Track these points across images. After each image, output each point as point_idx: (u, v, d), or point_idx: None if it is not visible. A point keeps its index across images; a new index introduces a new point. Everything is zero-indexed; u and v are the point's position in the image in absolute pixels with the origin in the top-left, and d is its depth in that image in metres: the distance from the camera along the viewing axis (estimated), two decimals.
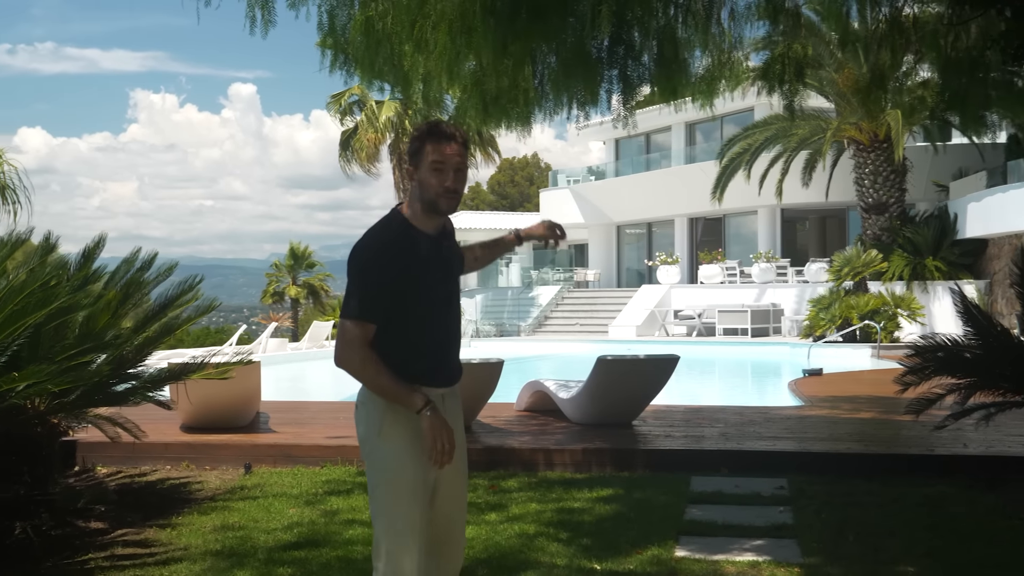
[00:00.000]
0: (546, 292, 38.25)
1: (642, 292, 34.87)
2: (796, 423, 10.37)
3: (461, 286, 4.17)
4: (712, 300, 31.81)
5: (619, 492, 7.83)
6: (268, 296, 52.61)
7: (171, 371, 7.51)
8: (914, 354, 8.13)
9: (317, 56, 7.86)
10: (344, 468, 8.83)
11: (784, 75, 9.65)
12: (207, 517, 7.30)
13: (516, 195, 78.74)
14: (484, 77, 8.02)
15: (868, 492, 7.76)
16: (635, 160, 42.92)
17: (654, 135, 42.98)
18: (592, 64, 8.00)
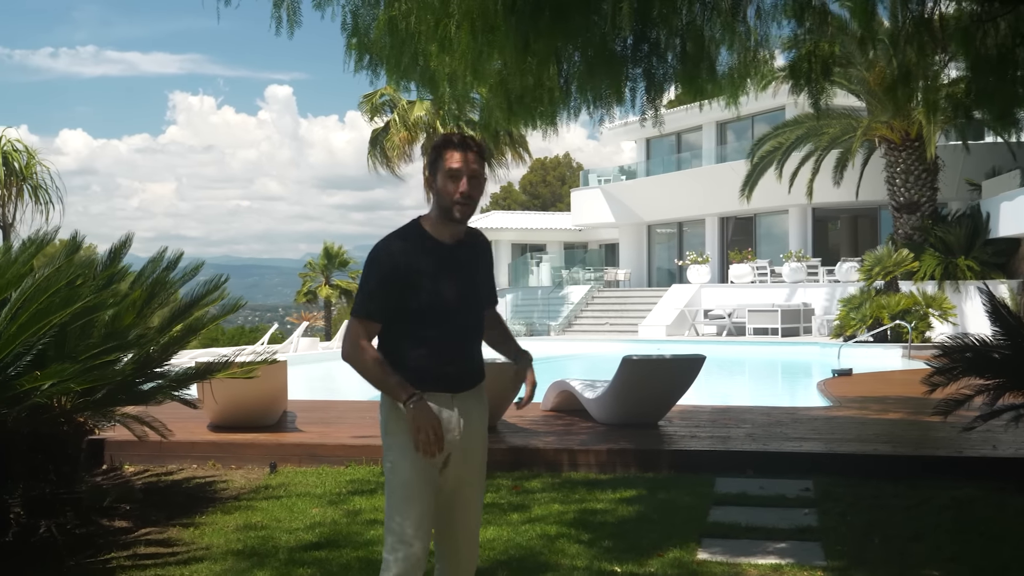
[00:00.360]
0: (576, 291, 38.19)
1: (672, 292, 34.76)
2: (824, 424, 10.30)
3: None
4: (742, 300, 31.67)
5: (642, 493, 7.80)
6: (301, 296, 52.84)
7: (196, 370, 7.54)
8: (942, 354, 8.06)
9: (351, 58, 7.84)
10: (368, 468, 8.84)
11: (811, 74, 9.56)
12: (230, 516, 7.32)
13: (548, 195, 78.66)
14: (508, 76, 8.00)
15: (895, 494, 7.69)
16: (666, 160, 42.78)
17: (685, 134, 42.83)
18: (616, 63, 7.95)
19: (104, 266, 7.13)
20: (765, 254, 36.38)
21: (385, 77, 8.69)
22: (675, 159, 42.33)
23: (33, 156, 12.00)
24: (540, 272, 42.36)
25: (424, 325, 3.90)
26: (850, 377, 16.66)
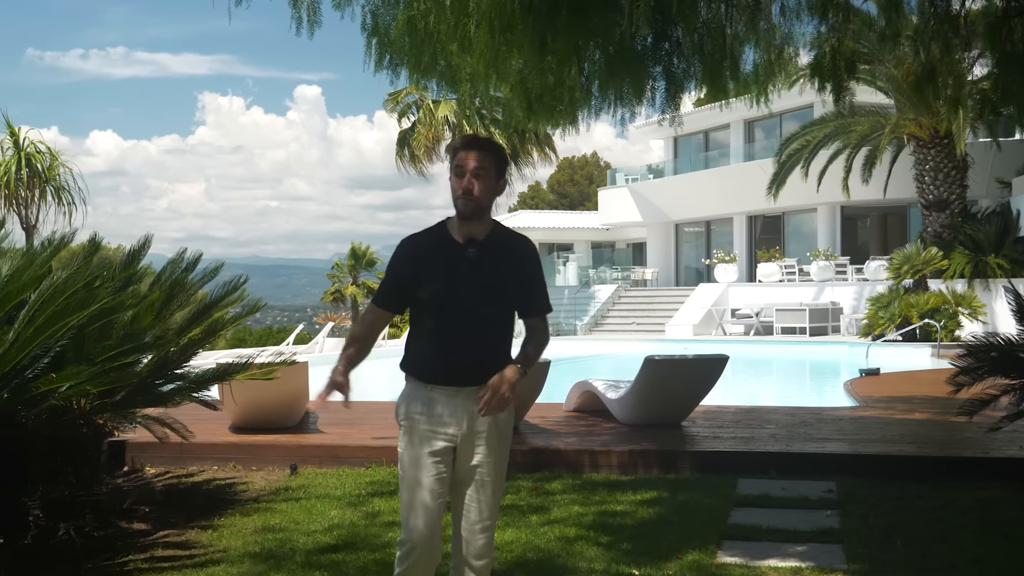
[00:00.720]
0: (603, 291, 38.11)
1: (699, 291, 34.61)
2: (849, 424, 10.20)
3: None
4: (770, 299, 31.49)
5: (663, 495, 7.74)
6: (329, 296, 52.92)
7: (216, 371, 7.53)
8: (966, 354, 7.96)
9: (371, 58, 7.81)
10: (389, 469, 8.81)
11: (835, 71, 9.47)
12: (249, 519, 7.31)
13: (576, 194, 78.56)
14: (528, 75, 7.96)
15: (919, 496, 7.60)
16: (693, 158, 42.63)
17: (713, 133, 42.70)
18: (636, 61, 7.88)
19: (123, 267, 7.13)
20: (793, 253, 36.20)
21: (406, 77, 8.67)
22: (703, 157, 42.17)
23: (56, 157, 12.04)
24: (567, 271, 42.30)
25: (430, 318, 4.15)
26: (877, 377, 16.51)
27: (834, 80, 9.65)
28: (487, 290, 4.13)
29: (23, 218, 12.98)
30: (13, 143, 12.46)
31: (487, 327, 4.17)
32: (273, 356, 7.97)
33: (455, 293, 4.10)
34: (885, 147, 27.72)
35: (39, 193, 11.82)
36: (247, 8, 7.04)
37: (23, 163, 11.98)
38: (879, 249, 35.37)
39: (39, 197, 11.95)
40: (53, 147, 12.08)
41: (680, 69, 8.45)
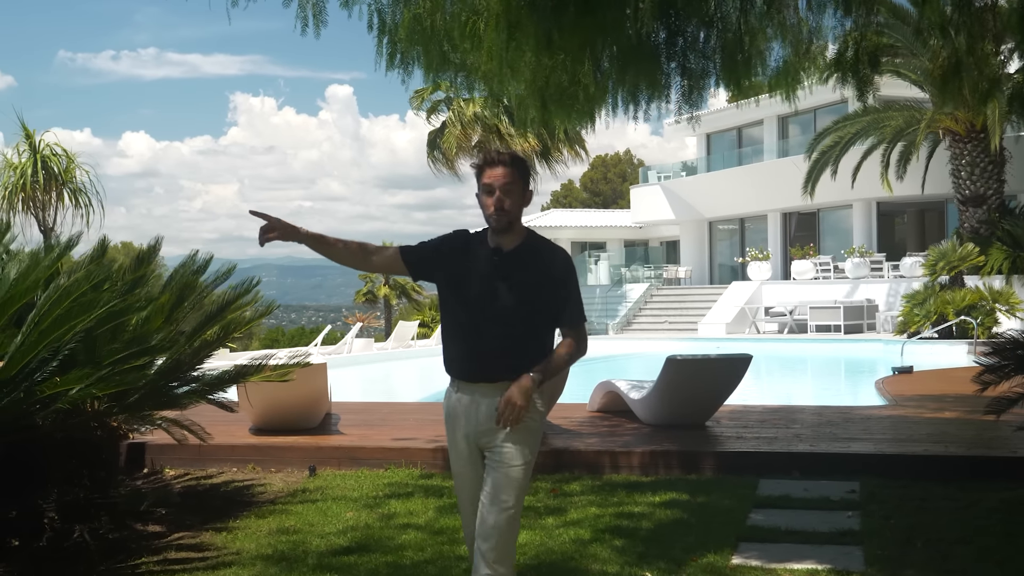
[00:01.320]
0: (635, 290, 37.94)
1: (732, 289, 34.38)
2: (876, 423, 10.05)
3: None
4: (804, 296, 31.22)
5: (682, 496, 7.64)
6: (360, 296, 53.04)
7: (229, 373, 7.50)
8: (991, 352, 7.80)
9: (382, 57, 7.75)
10: (407, 471, 8.76)
11: (857, 65, 9.34)
12: (264, 520, 7.27)
13: (609, 192, 78.35)
14: (538, 73, 7.88)
15: (944, 496, 7.46)
16: (727, 155, 42.33)
17: (746, 129, 42.38)
18: (649, 58, 7.80)
19: (132, 269, 7.11)
20: (829, 250, 35.88)
21: (420, 75, 8.61)
22: (736, 154, 41.88)
23: (72, 160, 12.05)
24: (598, 270, 42.15)
25: (454, 316, 4.40)
26: (910, 375, 16.30)
27: (856, 75, 9.53)
28: (510, 296, 4.28)
29: (40, 221, 13.00)
30: (29, 146, 12.48)
31: (507, 331, 4.28)
32: (290, 358, 7.91)
33: (478, 296, 4.30)
34: (921, 142, 27.38)
35: (56, 196, 11.83)
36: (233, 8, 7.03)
37: (39, 166, 11.99)
38: (916, 246, 35.01)
39: (56, 200, 11.95)
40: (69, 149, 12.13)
41: (697, 66, 8.36)
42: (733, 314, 31.71)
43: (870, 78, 9.76)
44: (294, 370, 7.97)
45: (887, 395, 12.93)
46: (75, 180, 11.85)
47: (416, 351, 25.27)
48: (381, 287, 50.86)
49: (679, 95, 8.57)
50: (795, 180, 31.36)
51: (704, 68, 8.45)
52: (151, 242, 7.44)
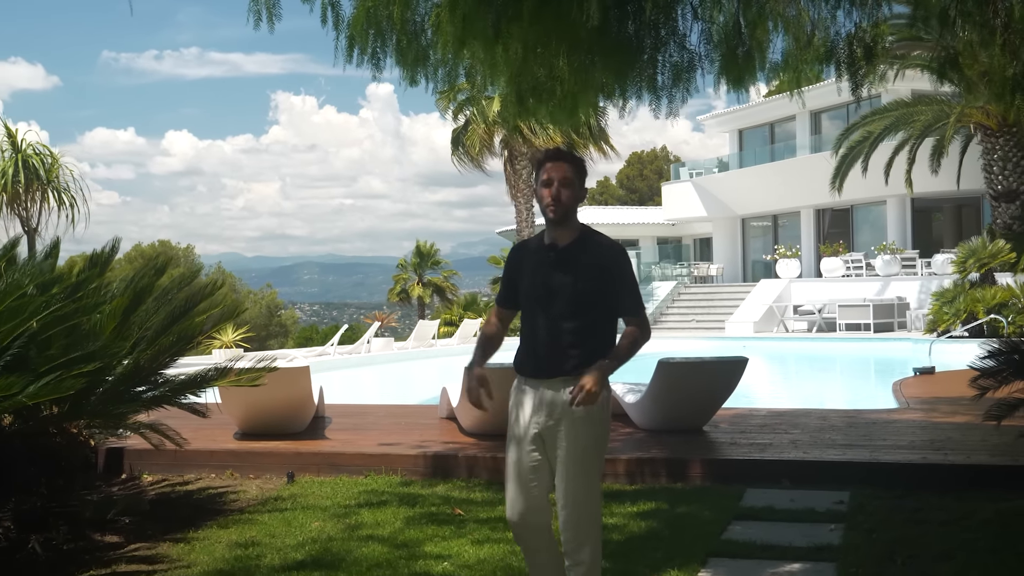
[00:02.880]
0: (662, 288, 37.51)
1: (760, 287, 33.89)
2: (880, 429, 9.69)
3: None
4: (834, 294, 30.69)
5: (662, 506, 7.33)
6: (394, 295, 52.87)
7: (194, 378, 7.28)
8: (987, 356, 7.46)
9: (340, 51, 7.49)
10: (387, 478, 8.51)
11: (851, 58, 8.98)
12: (227, 531, 7.04)
13: (645, 189, 77.84)
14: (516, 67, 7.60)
15: (938, 508, 7.11)
16: (759, 151, 41.83)
17: (779, 124, 41.88)
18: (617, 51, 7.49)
19: (87, 271, 6.90)
20: (863, 247, 35.31)
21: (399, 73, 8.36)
22: (768, 150, 41.37)
23: (56, 159, 11.85)
24: None
25: (523, 316, 4.70)
26: (931, 376, 15.87)
27: (849, 67, 9.17)
28: (565, 291, 4.49)
29: (24, 221, 12.80)
30: (11, 145, 12.27)
31: (565, 325, 4.49)
32: (257, 361, 7.63)
33: (537, 292, 4.57)
34: (952, 136, 26.81)
35: (41, 196, 11.62)
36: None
37: (21, 166, 11.79)
38: (953, 242, 34.28)
39: (41, 200, 11.74)
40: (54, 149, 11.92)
41: (682, 58, 8.05)
42: (761, 312, 31.24)
43: (869, 71, 9.39)
44: (264, 374, 7.73)
45: (901, 398, 12.53)
46: (58, 180, 11.63)
47: (436, 351, 25.02)
48: (415, 286, 50.75)
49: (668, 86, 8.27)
50: (828, 176, 30.83)
51: (688, 61, 8.15)
52: (108, 244, 7.22)
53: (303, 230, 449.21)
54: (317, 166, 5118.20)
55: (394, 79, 8.47)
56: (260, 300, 65.22)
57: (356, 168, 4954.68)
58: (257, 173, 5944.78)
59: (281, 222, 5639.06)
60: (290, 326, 64.75)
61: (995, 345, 7.40)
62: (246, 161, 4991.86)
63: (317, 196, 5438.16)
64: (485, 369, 4.64)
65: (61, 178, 11.60)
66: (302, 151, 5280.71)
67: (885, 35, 9.69)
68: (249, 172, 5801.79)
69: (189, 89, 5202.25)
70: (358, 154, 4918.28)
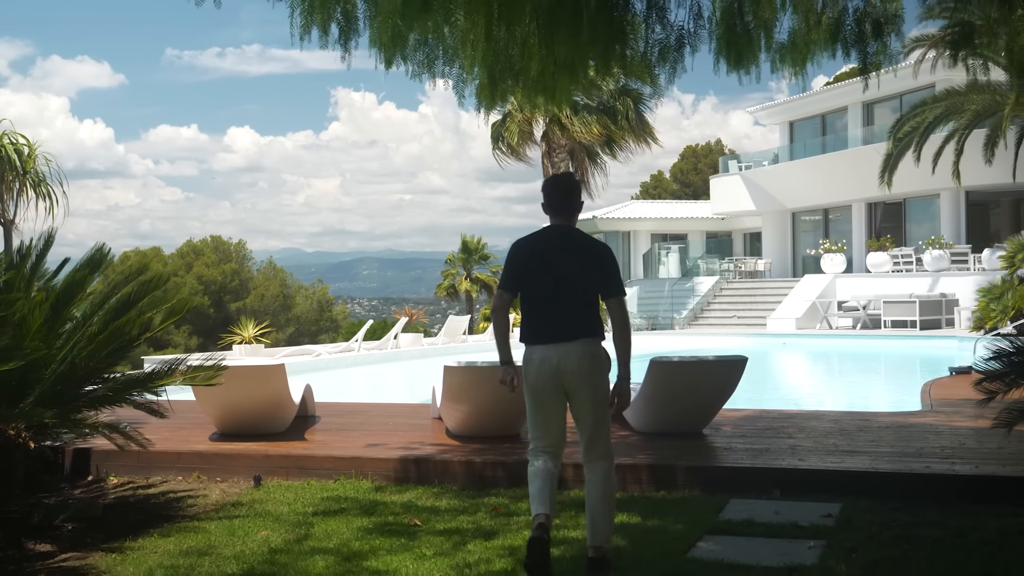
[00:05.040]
0: (705, 283, 36.77)
1: (804, 282, 33.04)
2: (891, 434, 9.08)
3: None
4: (881, 290, 29.83)
5: (633, 519, 6.81)
6: (442, 290, 52.51)
7: (138, 377, 6.88)
8: (992, 357, 6.85)
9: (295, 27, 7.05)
10: (356, 483, 8.06)
11: (860, 36, 8.41)
12: (167, 540, 6.62)
13: (699, 183, 76.83)
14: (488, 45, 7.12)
15: (935, 523, 6.52)
16: (809, 143, 40.87)
17: (830, 116, 40.93)
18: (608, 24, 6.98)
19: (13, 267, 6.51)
20: (916, 241, 34.30)
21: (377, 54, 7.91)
22: (819, 142, 40.40)
23: (33, 149, 11.50)
24: (669, 262, 40.99)
25: (528, 297, 5.80)
26: (968, 376, 15.10)
27: (859, 47, 8.59)
28: (561, 274, 5.70)
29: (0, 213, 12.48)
30: None
31: (566, 297, 5.70)
32: (205, 360, 7.21)
33: (547, 276, 5.71)
34: (1008, 127, 25.79)
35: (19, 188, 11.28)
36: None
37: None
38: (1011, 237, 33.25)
39: (18, 192, 11.40)
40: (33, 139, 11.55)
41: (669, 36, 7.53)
42: (804, 309, 30.44)
43: (880, 48, 8.79)
44: (220, 374, 7.32)
45: (927, 399, 11.87)
46: (35, 171, 11.28)
47: (467, 346, 24.58)
48: (462, 280, 50.35)
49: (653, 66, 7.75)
50: (879, 169, 29.90)
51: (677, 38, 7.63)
52: (41, 237, 6.81)
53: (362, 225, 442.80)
54: (377, 162, 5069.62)
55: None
56: (311, 295, 65.19)
57: (415, 164, 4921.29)
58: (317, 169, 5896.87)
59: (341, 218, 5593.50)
60: (341, 321, 64.69)
61: (1000, 345, 6.79)
62: (307, 157, 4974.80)
63: (377, 192, 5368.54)
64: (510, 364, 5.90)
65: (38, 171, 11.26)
66: (362, 147, 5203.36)
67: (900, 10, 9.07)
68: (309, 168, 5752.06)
69: (251, 86, 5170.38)
70: (417, 150, 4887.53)
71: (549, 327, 5.64)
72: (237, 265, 62.26)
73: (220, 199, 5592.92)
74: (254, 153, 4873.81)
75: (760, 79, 9.21)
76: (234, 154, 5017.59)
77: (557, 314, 5.65)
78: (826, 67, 25.23)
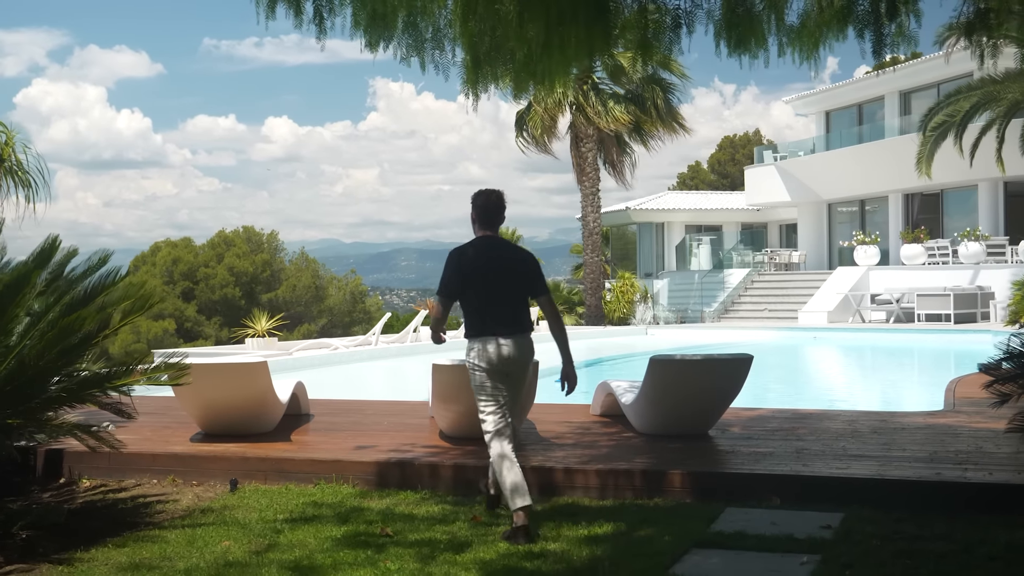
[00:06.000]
0: (736, 275, 36.13)
1: (836, 275, 32.35)
2: (904, 436, 8.59)
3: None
4: (915, 283, 29.11)
5: (619, 528, 6.37)
6: None
7: (92, 378, 6.51)
8: (1006, 356, 6.35)
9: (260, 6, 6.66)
10: (336, 487, 7.66)
11: (874, 15, 7.93)
12: (121, 550, 6.25)
13: (737, 174, 75.91)
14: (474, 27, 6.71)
15: (941, 535, 6.04)
16: (845, 133, 40.08)
17: (866, 105, 40.14)
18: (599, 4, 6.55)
19: None
20: (953, 233, 33.51)
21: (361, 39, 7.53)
22: (855, 132, 39.63)
23: (11, 136, 11.18)
24: (700, 254, 40.35)
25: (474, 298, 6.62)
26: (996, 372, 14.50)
27: (874, 27, 8.11)
28: (500, 279, 6.58)
29: None
30: None
31: (506, 297, 6.58)
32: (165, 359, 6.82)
33: (489, 279, 6.55)
34: None
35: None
36: None
37: None
38: None
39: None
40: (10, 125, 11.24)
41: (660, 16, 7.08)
42: (836, 301, 29.78)
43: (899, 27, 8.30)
44: (187, 373, 6.94)
45: (951, 397, 11.32)
46: (12, 159, 10.98)
47: None
48: None
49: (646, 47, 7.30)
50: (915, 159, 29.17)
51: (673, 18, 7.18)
52: None
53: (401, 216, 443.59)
54: (416, 152, 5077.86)
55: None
56: (344, 286, 64.99)
57: (455, 154, 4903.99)
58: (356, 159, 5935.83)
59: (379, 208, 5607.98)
60: (374, 312, 64.44)
61: (1011, 345, 6.29)
62: (345, 147, 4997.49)
63: (415, 182, 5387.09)
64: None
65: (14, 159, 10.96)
66: (401, 137, 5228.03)
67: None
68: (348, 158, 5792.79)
69: (289, 76, 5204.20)
70: (456, 140, 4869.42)
71: (494, 323, 6.49)
72: (269, 256, 62.23)
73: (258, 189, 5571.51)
74: (292, 143, 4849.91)
75: (768, 64, 8.75)
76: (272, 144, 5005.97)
77: (499, 313, 6.51)
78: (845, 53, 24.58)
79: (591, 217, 31.53)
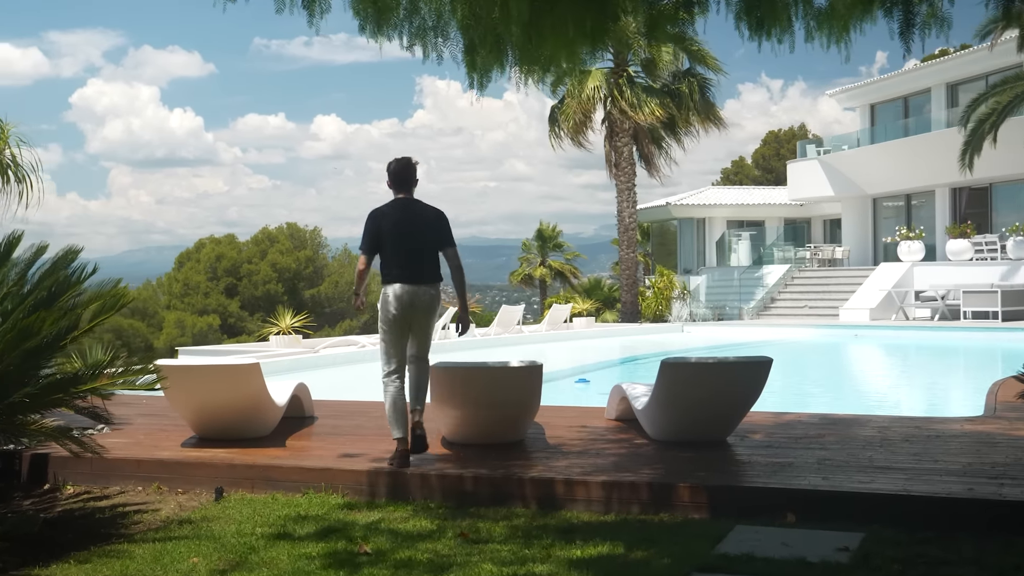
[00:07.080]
0: (776, 271, 35.38)
1: (880, 271, 31.54)
2: (938, 445, 8.03)
3: None
4: (961, 279, 28.28)
5: (617, 549, 5.87)
6: (517, 277, 51.78)
7: (54, 383, 6.11)
8: None
9: None
10: (325, 498, 7.23)
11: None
12: (84, 566, 5.84)
13: (781, 168, 74.91)
14: None
15: (970, 559, 5.51)
16: (891, 126, 39.20)
17: (912, 98, 39.23)
18: None
19: None
20: (1001, 228, 32.61)
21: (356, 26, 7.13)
22: (901, 125, 38.74)
23: (6, 130, 10.81)
24: (740, 250, 39.60)
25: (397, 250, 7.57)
26: None
27: (903, 7, 7.58)
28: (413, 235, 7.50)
29: None
30: None
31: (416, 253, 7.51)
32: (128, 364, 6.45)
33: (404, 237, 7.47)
34: None
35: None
36: None
37: None
38: None
39: None
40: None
41: None
42: (879, 298, 29.01)
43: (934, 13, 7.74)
44: (165, 378, 6.54)
45: (992, 402, 10.70)
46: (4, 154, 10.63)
47: (521, 337, 23.74)
48: (537, 268, 49.61)
49: None
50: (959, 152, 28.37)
51: None
52: None
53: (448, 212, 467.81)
54: (462, 149, 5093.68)
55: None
56: None
57: (501, 151, 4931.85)
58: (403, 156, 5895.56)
59: None
60: None
61: None
62: (392, 145, 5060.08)
63: (462, 179, 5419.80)
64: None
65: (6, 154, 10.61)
66: (447, 135, 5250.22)
67: None
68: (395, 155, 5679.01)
69: (337, 74, 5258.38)
70: (503, 137, 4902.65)
71: (406, 271, 7.41)
72: (312, 252, 62.23)
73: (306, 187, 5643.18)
74: (340, 141, 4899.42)
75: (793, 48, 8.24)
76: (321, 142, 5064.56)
77: (411, 262, 7.42)
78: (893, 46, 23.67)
79: (626, 212, 30.98)
